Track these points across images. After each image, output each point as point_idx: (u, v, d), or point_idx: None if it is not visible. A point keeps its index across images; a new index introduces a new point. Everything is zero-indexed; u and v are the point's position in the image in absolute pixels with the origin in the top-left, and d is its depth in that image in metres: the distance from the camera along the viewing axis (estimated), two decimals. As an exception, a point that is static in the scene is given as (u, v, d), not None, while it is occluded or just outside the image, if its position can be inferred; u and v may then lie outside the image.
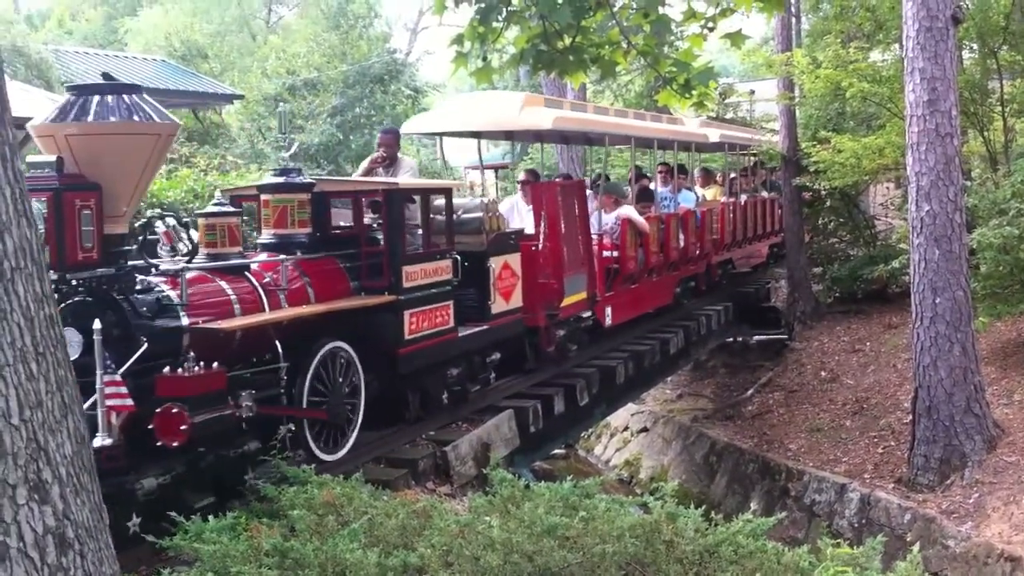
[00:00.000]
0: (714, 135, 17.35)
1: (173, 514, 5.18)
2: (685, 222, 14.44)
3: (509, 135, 14.38)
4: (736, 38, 6.55)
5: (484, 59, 6.23)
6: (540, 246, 10.13)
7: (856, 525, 11.11)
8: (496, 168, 18.29)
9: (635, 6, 6.52)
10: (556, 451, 14.69)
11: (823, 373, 15.37)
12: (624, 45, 6.52)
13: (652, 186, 15.01)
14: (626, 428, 17.74)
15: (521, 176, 13.48)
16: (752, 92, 27.80)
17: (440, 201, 8.73)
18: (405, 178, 9.20)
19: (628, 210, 12.48)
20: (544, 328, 10.13)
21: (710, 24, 6.51)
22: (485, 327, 8.92)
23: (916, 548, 6.49)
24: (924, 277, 10.57)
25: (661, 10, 6.17)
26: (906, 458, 11.26)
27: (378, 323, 7.58)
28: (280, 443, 6.39)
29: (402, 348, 7.70)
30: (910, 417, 11.21)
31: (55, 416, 2.97)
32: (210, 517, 5.24)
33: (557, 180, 13.14)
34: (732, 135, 18.84)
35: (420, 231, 8.34)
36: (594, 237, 11.51)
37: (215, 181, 13.78)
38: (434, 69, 35.47)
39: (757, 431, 14.65)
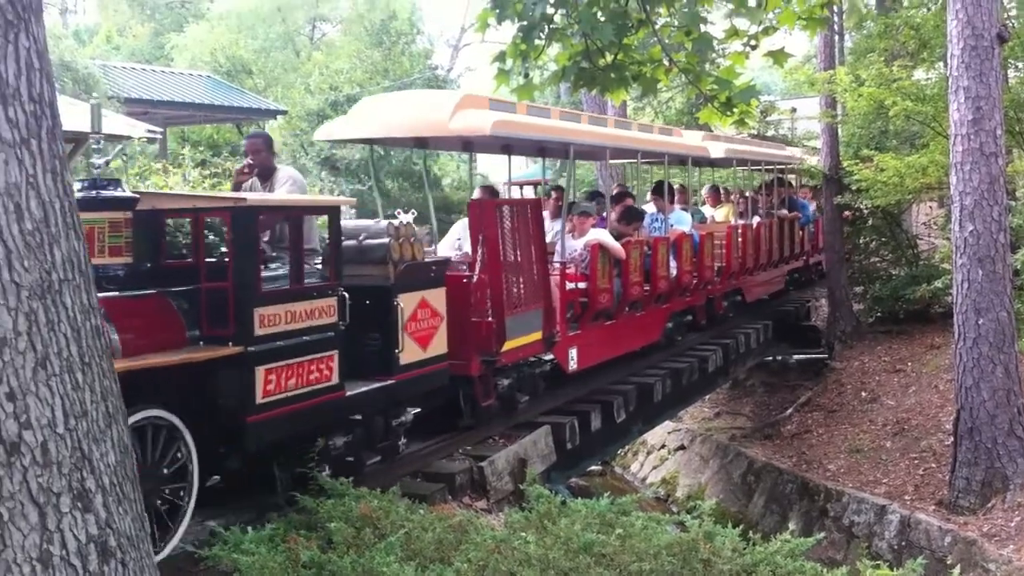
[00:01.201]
0: (717, 149, 15.25)
1: (212, 523, 5.21)
2: (678, 247, 12.56)
3: (438, 143, 11.30)
4: (779, 56, 6.54)
5: (526, 76, 6.27)
6: (475, 278, 8.34)
7: (896, 547, 10.98)
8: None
9: (677, 24, 6.53)
10: (592, 468, 14.65)
11: (863, 393, 15.22)
12: (666, 62, 6.53)
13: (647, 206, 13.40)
14: (663, 446, 17.65)
15: (476, 193, 11.13)
16: (794, 110, 27.65)
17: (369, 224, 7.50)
18: (281, 193, 7.46)
19: (599, 234, 10.55)
20: (479, 378, 8.42)
21: (752, 42, 6.50)
22: (390, 381, 6.94)
23: (957, 571, 6.42)
24: (967, 297, 10.46)
25: (703, 28, 6.17)
26: (947, 480, 11.12)
27: (218, 383, 5.74)
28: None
29: (252, 415, 5.74)
30: (951, 439, 11.07)
31: (100, 426, 3.02)
32: (249, 528, 5.28)
33: (505, 198, 11.27)
34: (742, 149, 16.61)
35: (318, 259, 6.94)
36: (557, 266, 9.95)
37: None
38: (476, 85, 35.59)
39: (796, 451, 14.53)
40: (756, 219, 16.36)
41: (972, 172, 10.35)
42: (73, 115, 6.95)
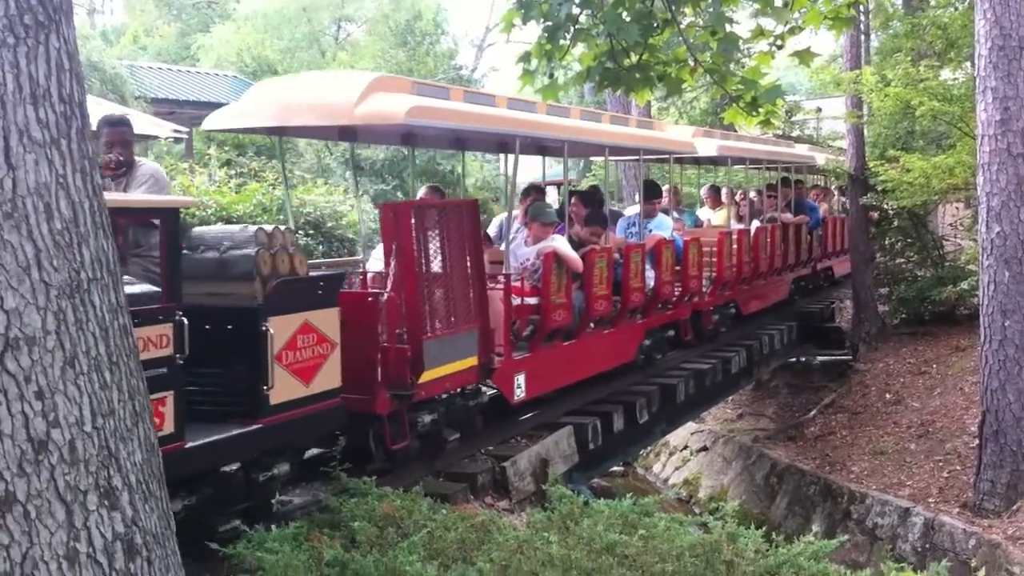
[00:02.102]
0: (707, 146, 13.80)
1: (238, 522, 5.23)
2: (657, 255, 11.21)
3: (345, 132, 9.40)
4: (805, 56, 6.52)
5: (551, 76, 6.28)
6: (385, 296, 7.04)
7: (920, 549, 10.91)
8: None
9: (702, 24, 6.52)
10: (614, 468, 14.62)
11: (888, 395, 15.13)
12: (691, 63, 6.53)
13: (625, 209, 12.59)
14: (685, 447, 17.60)
15: (421, 192, 10.25)
16: (819, 110, 27.53)
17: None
18: (138, 193, 6.43)
19: (555, 242, 9.20)
20: (389, 416, 7.02)
21: (778, 42, 6.49)
22: (255, 427, 5.61)
23: (981, 574, 6.39)
24: (994, 299, 10.38)
25: (728, 28, 6.16)
26: (972, 483, 11.04)
27: None
28: None
29: None
30: (976, 441, 10.98)
31: (126, 424, 3.04)
32: (273, 527, 5.30)
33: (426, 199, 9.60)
34: (739, 147, 15.22)
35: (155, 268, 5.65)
36: (501, 277, 8.60)
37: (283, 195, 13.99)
38: (500, 85, 35.65)
39: (819, 452, 14.46)
40: (756, 223, 15.12)
41: (999, 173, 10.27)
42: (99, 114, 6.92)
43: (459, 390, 8.00)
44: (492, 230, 10.89)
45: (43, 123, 2.82)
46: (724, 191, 16.31)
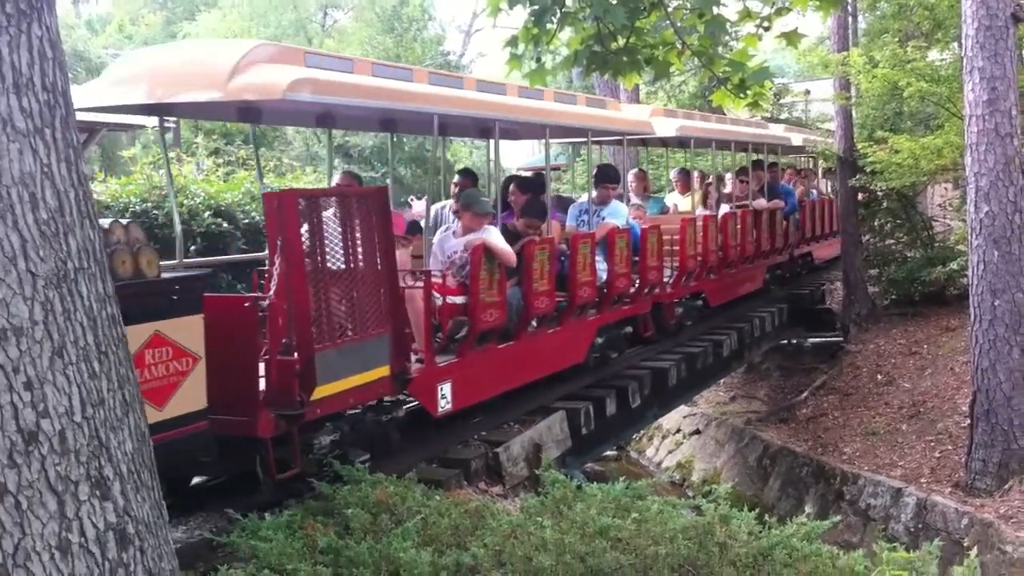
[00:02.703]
0: (666, 126, 12.74)
1: (230, 511, 5.23)
2: (609, 245, 10.31)
3: (218, 110, 8.19)
4: (792, 37, 6.52)
5: (538, 60, 6.26)
6: (268, 301, 6.16)
7: (912, 529, 10.96)
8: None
9: (689, 6, 6.51)
10: (608, 453, 14.66)
11: (879, 376, 15.18)
12: (678, 45, 6.51)
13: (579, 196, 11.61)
14: (678, 430, 17.65)
15: (337, 178, 9.34)
16: (807, 92, 27.53)
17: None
18: None
19: (485, 233, 8.28)
20: (273, 439, 6.05)
21: (765, 24, 6.48)
22: None
23: (973, 553, 6.41)
24: (983, 279, 10.42)
25: (716, 10, 6.15)
26: (963, 462, 11.09)
27: None
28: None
29: None
30: (968, 421, 11.04)
31: (116, 414, 3.03)
32: (266, 515, 5.30)
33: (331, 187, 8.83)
34: (703, 127, 14.25)
35: None
36: (436, 274, 7.99)
37: (271, 184, 13.94)
38: (488, 71, 35.57)
39: (812, 434, 14.51)
40: (724, 208, 14.23)
41: (987, 153, 10.29)
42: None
43: (369, 405, 7.12)
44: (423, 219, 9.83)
45: (27, 112, 2.80)
46: (695, 175, 15.48)
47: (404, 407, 7.64)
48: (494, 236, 8.32)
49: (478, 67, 36.56)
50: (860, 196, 17.99)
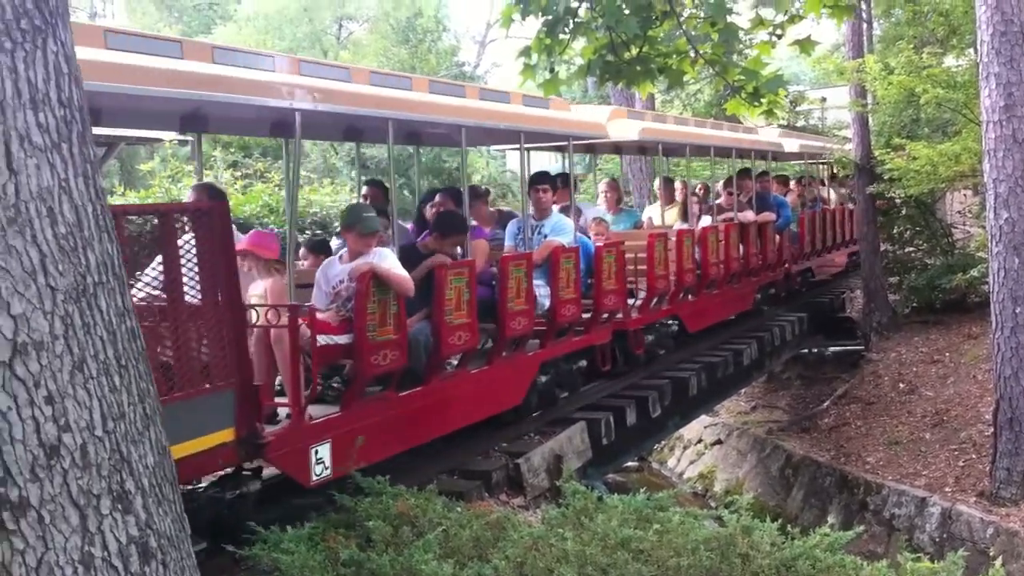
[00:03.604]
0: (625, 129, 11.50)
1: (253, 524, 5.23)
2: (553, 268, 8.92)
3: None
4: (806, 45, 6.51)
5: (551, 70, 6.27)
6: None
7: (937, 539, 10.87)
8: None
9: (702, 15, 6.50)
10: (629, 463, 14.61)
11: (901, 385, 15.08)
12: (692, 54, 6.51)
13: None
14: (699, 440, 17.58)
15: (189, 193, 7.70)
16: (823, 99, 27.46)
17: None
18: None
19: (376, 257, 6.80)
20: None
21: (778, 31, 6.47)
22: None
23: (999, 563, 6.35)
24: (1004, 286, 10.34)
25: (728, 18, 6.15)
26: (988, 471, 10.99)
27: None
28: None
29: None
30: (992, 429, 10.94)
31: (137, 428, 3.03)
32: (288, 527, 5.31)
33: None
34: (672, 131, 12.85)
35: None
36: (324, 308, 6.82)
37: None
38: (502, 81, 35.66)
39: (834, 444, 14.42)
40: (705, 221, 12.95)
41: (1005, 159, 10.23)
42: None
43: (207, 479, 5.99)
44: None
45: (43, 128, 2.82)
46: (677, 184, 13.87)
47: (261, 480, 6.26)
48: (387, 260, 6.81)
49: (493, 77, 36.65)
50: (878, 203, 17.90)
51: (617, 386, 10.59)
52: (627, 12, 5.78)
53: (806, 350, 17.51)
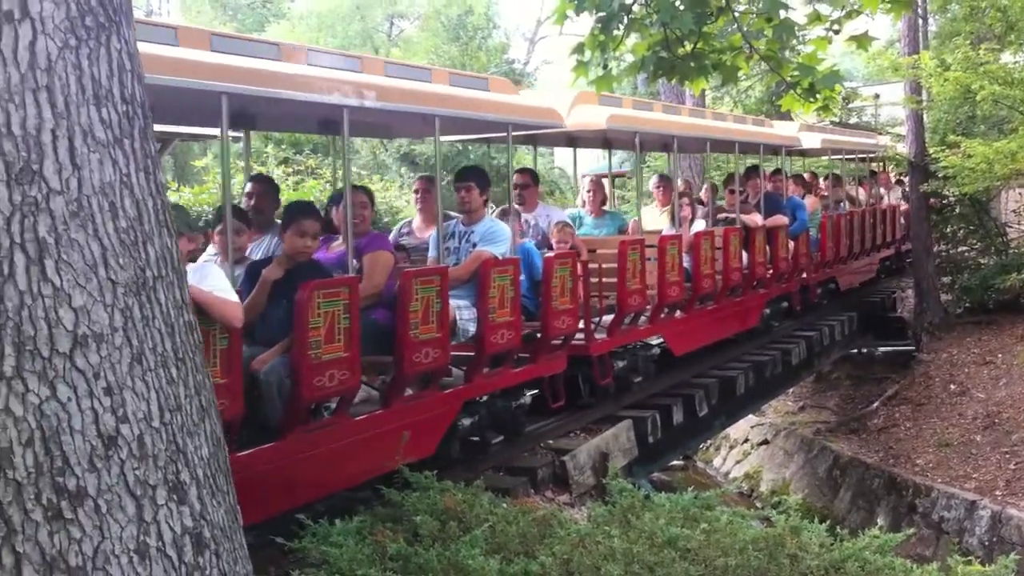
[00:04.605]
0: (588, 117, 9.56)
1: (302, 517, 5.27)
2: (482, 284, 7.22)
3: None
4: (862, 41, 6.44)
5: (605, 67, 6.25)
6: None
7: (987, 543, 10.73)
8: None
9: (757, 10, 6.45)
10: (674, 462, 14.55)
11: (952, 386, 14.88)
12: (746, 50, 6.46)
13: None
14: (746, 440, 17.47)
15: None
16: (877, 96, 27.11)
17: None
18: None
19: (199, 274, 5.24)
20: None
21: (835, 27, 6.41)
22: None
23: (1053, 568, 6.24)
24: (1062, 286, 10.18)
25: (783, 14, 6.09)
26: (1042, 475, 10.84)
27: None
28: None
29: None
30: (1046, 432, 10.79)
31: (193, 419, 3.07)
32: (337, 521, 5.35)
33: None
34: (656, 119, 10.73)
35: None
36: None
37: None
38: (552, 78, 35.65)
39: (883, 445, 14.27)
40: (699, 225, 11.15)
41: (1065, 157, 10.07)
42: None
43: None
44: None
45: (106, 123, 2.86)
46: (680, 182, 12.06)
47: None
48: (208, 278, 5.30)
49: (543, 74, 36.62)
50: (931, 202, 17.65)
51: (663, 385, 10.33)
52: (682, 8, 5.75)
53: (856, 350, 17.33)
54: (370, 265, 6.66)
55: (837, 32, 6.42)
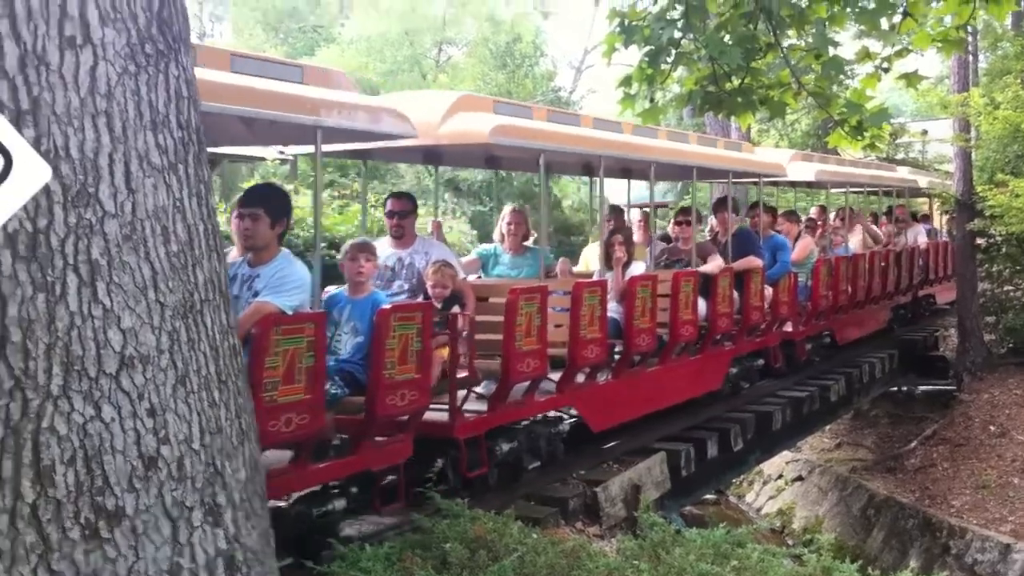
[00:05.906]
0: (469, 126, 7.31)
1: (332, 540, 5.29)
2: (256, 348, 5.10)
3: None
4: (912, 79, 6.43)
5: (651, 100, 6.26)
6: None
7: (1024, 589, 10.56)
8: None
9: (806, 46, 6.45)
10: (707, 496, 14.42)
11: (992, 427, 14.66)
12: (794, 86, 6.46)
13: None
14: (780, 476, 17.29)
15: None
16: (925, 132, 26.90)
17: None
18: None
19: None
20: None
21: (885, 64, 6.39)
22: None
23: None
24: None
25: (832, 51, 6.09)
26: (1081, 522, 10.65)
27: None
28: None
29: None
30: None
31: (232, 443, 3.10)
32: (367, 545, 5.36)
33: None
34: (559, 132, 8.11)
35: None
36: None
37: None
38: (598, 107, 35.71)
39: (919, 485, 14.08)
40: (637, 268, 9.05)
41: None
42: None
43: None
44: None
45: (162, 149, 2.91)
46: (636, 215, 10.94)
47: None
48: None
49: (588, 103, 36.65)
50: (977, 241, 17.45)
51: (697, 419, 10.00)
52: (730, 43, 5.76)
53: (896, 388, 17.11)
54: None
55: (887, 71, 6.40)
